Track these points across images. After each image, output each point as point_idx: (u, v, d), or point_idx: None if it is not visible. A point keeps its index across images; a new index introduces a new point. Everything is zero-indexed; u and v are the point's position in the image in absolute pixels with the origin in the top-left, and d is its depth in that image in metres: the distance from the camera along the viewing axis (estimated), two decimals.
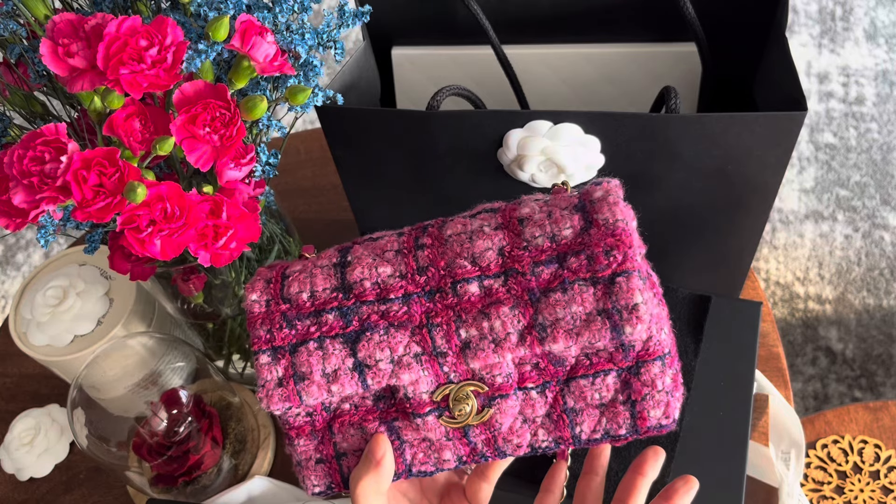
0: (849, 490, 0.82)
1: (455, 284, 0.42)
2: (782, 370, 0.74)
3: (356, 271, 0.44)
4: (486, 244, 0.42)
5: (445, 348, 0.42)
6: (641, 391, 0.43)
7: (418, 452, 0.45)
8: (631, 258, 0.41)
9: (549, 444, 0.44)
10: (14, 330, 0.70)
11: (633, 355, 0.43)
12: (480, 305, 0.42)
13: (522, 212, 0.43)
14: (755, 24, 0.65)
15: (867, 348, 1.47)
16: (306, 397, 0.43)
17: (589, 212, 0.42)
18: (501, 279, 0.42)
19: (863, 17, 1.94)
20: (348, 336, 0.43)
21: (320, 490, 0.47)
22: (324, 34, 0.52)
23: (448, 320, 0.42)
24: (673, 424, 0.44)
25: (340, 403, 0.46)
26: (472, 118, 0.57)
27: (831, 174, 1.69)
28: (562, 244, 0.42)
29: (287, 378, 0.43)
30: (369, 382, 0.43)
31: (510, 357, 0.42)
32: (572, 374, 0.43)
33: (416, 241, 0.44)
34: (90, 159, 0.44)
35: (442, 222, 0.45)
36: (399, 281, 0.43)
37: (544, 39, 0.71)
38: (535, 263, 0.42)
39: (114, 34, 0.44)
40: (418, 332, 0.42)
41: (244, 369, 0.75)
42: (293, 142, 1.03)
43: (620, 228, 0.41)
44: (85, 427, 0.63)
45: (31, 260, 1.81)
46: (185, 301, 0.67)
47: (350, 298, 0.43)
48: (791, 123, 0.52)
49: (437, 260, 0.43)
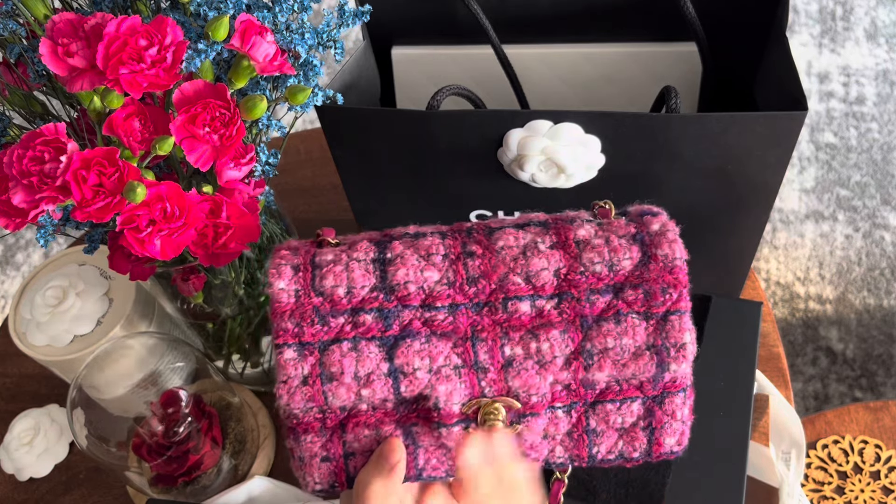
0: (849, 490, 0.82)
1: (506, 301, 0.42)
2: (783, 370, 0.74)
3: (400, 272, 0.42)
4: (542, 263, 0.42)
5: (488, 364, 0.42)
6: (662, 420, 0.43)
7: (432, 458, 0.44)
8: (685, 297, 0.42)
9: (564, 460, 0.44)
10: (14, 330, 0.70)
11: (660, 385, 0.43)
12: (530, 325, 0.42)
13: (579, 234, 0.43)
14: (755, 24, 0.65)
15: (868, 348, 1.47)
16: (333, 399, 0.42)
17: (648, 245, 0.42)
18: (555, 301, 0.42)
19: (863, 17, 1.94)
20: (386, 340, 0.42)
21: (322, 488, 0.46)
22: (324, 34, 0.52)
23: (494, 336, 0.42)
24: (681, 452, 0.44)
25: (358, 403, 0.44)
26: (472, 118, 0.57)
27: (832, 174, 1.69)
28: (619, 274, 0.42)
29: (314, 377, 0.42)
30: (402, 390, 0.42)
31: (551, 379, 0.42)
32: (600, 398, 0.43)
33: (464, 247, 0.43)
34: (90, 159, 0.44)
35: (487, 229, 0.44)
36: (447, 289, 0.42)
37: (544, 39, 0.71)
38: (592, 291, 0.42)
39: (113, 34, 0.44)
40: (461, 344, 0.42)
41: (244, 369, 0.75)
42: (293, 142, 1.03)
43: (678, 267, 0.42)
44: (84, 427, 0.63)
45: (31, 260, 1.81)
46: (184, 301, 0.67)
47: (392, 300, 0.42)
48: (791, 123, 0.52)
49: (490, 273, 0.42)
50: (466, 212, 0.66)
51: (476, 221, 0.46)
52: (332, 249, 0.44)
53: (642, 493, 0.50)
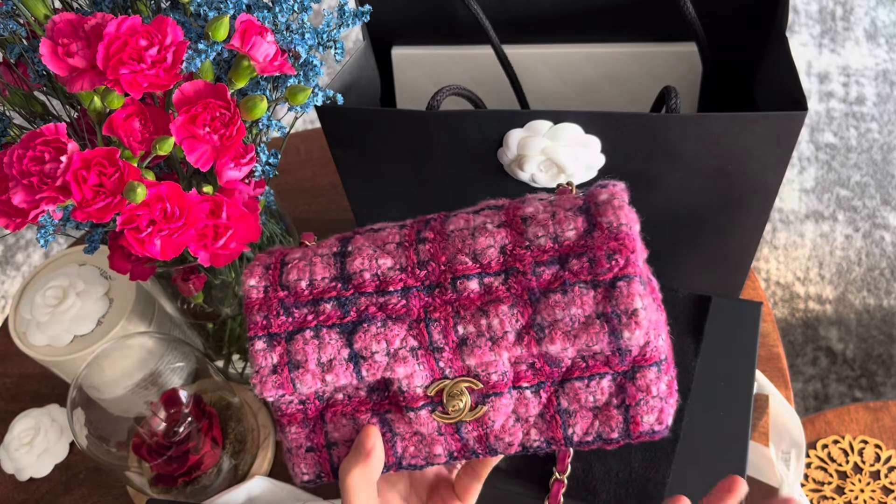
0: (849, 490, 0.82)
1: (455, 280, 0.42)
2: (782, 370, 0.74)
3: (356, 262, 0.44)
4: (489, 241, 0.42)
5: (442, 343, 0.42)
6: (636, 396, 0.42)
7: (409, 446, 0.45)
8: (633, 263, 0.41)
9: (540, 443, 0.44)
10: (14, 330, 0.70)
11: (629, 360, 0.42)
12: (479, 303, 0.42)
13: (526, 210, 0.43)
14: (755, 24, 0.65)
15: (867, 348, 1.47)
16: (300, 385, 0.43)
17: (593, 214, 0.42)
18: (502, 277, 0.42)
19: (863, 17, 1.94)
20: (345, 326, 0.43)
21: (309, 478, 0.47)
22: (324, 34, 0.52)
23: (446, 316, 0.42)
24: (666, 431, 0.43)
25: (334, 393, 0.46)
26: (472, 118, 0.57)
27: (832, 174, 1.69)
28: (564, 245, 0.42)
29: (282, 365, 0.43)
30: (364, 374, 0.43)
31: (507, 356, 0.42)
32: (567, 376, 0.43)
33: (418, 234, 0.44)
34: (90, 159, 0.44)
35: (445, 216, 0.45)
36: (399, 274, 0.43)
37: (544, 39, 0.71)
38: (537, 263, 0.42)
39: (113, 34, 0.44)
40: (416, 326, 0.42)
41: (244, 369, 0.75)
42: (293, 142, 1.03)
43: (624, 233, 0.41)
44: (85, 427, 0.63)
45: (31, 260, 1.81)
46: (185, 301, 0.67)
47: (349, 289, 0.43)
48: (791, 123, 0.52)
49: (438, 255, 0.43)
50: None
51: (438, 213, 0.46)
52: (302, 248, 0.46)
53: (642, 493, 0.50)
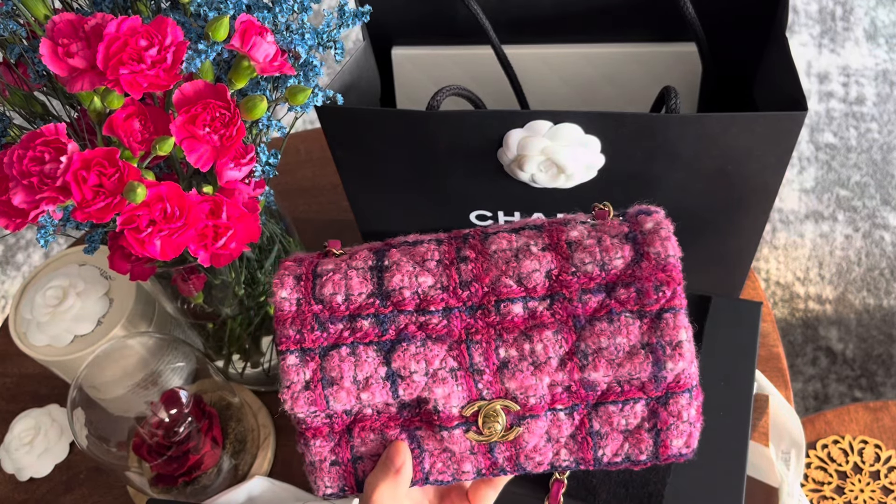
0: (849, 490, 0.82)
1: (499, 303, 0.42)
2: (782, 370, 0.74)
3: (395, 278, 0.43)
4: (534, 265, 0.42)
5: (483, 366, 0.42)
6: (667, 421, 0.43)
7: (437, 462, 0.45)
8: (679, 295, 0.41)
9: (569, 463, 0.44)
10: (14, 330, 0.70)
11: (663, 386, 0.43)
12: (523, 327, 0.42)
13: (571, 235, 0.43)
14: (755, 24, 0.65)
15: (867, 348, 1.47)
16: (334, 403, 0.42)
17: (640, 244, 0.42)
18: (547, 302, 0.42)
19: (863, 17, 1.94)
20: (383, 344, 0.42)
21: (332, 492, 0.46)
22: (324, 34, 0.52)
23: (488, 338, 0.42)
24: (691, 454, 0.44)
25: (363, 408, 0.45)
26: (472, 118, 0.57)
27: (831, 174, 1.69)
28: (611, 274, 0.42)
29: (315, 381, 0.42)
30: (401, 393, 0.42)
31: (547, 381, 0.42)
32: (602, 399, 0.43)
33: (458, 252, 0.43)
34: (90, 159, 0.44)
35: (483, 234, 0.44)
36: (440, 293, 0.42)
37: (544, 39, 0.71)
38: (583, 291, 0.42)
39: (113, 34, 0.44)
40: (456, 347, 0.42)
41: (244, 369, 0.75)
42: (293, 142, 1.03)
43: (671, 264, 0.41)
44: (85, 427, 0.63)
45: (31, 260, 1.81)
46: (185, 301, 0.67)
47: (388, 306, 0.43)
48: (791, 123, 0.52)
49: (482, 276, 0.42)
50: (466, 212, 0.66)
51: (474, 228, 0.46)
52: (334, 259, 0.45)
53: (642, 493, 0.50)
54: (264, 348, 0.74)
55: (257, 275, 0.66)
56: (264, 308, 0.69)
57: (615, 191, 0.60)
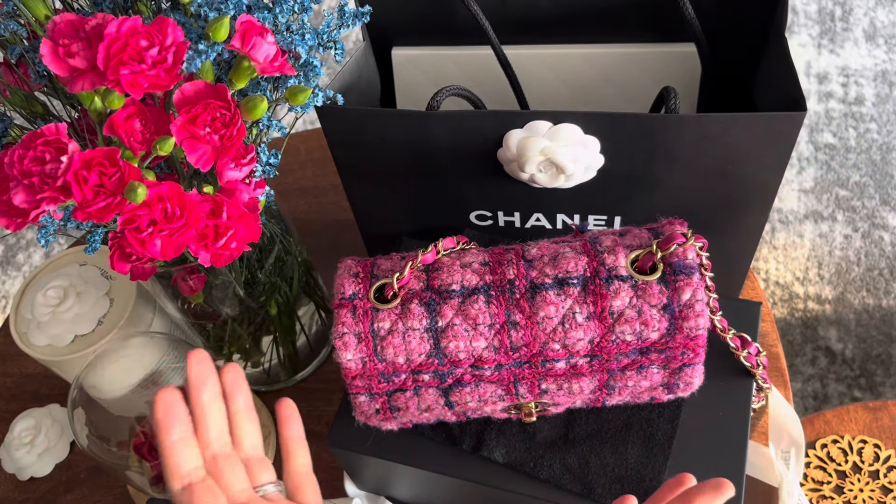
0: (848, 490, 0.82)
1: (545, 362, 0.49)
2: (782, 370, 0.74)
3: (451, 345, 0.49)
4: (579, 335, 0.48)
5: (526, 394, 0.51)
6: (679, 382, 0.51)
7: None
8: (700, 354, 0.48)
9: (582, 405, 0.53)
10: (15, 330, 0.70)
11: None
12: (563, 375, 0.49)
13: (614, 305, 0.47)
14: (754, 25, 0.65)
15: (867, 348, 1.47)
16: (400, 419, 0.53)
17: (676, 317, 0.47)
18: (587, 360, 0.49)
19: (862, 18, 1.94)
20: (442, 388, 0.51)
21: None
22: (324, 34, 0.52)
23: (533, 379, 0.50)
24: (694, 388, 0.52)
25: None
26: (472, 118, 0.57)
27: (831, 174, 1.69)
28: (646, 342, 0.48)
29: (384, 409, 0.52)
30: (455, 410, 0.52)
31: (579, 402, 0.52)
32: (617, 396, 0.52)
33: (508, 316, 0.48)
34: (90, 159, 0.44)
35: (529, 292, 0.48)
36: (493, 354, 0.49)
37: (544, 40, 0.71)
38: (620, 354, 0.48)
39: (114, 34, 0.44)
40: (505, 386, 0.50)
41: (245, 369, 0.75)
42: (293, 142, 1.03)
43: (701, 336, 0.47)
44: (85, 427, 0.63)
45: (32, 260, 1.81)
46: (185, 301, 0.67)
47: (445, 364, 0.49)
48: (790, 124, 0.52)
49: (531, 343, 0.48)
50: (466, 212, 0.66)
51: (515, 249, 0.51)
52: (388, 313, 0.50)
53: (637, 489, 0.50)
54: (264, 348, 0.74)
55: (257, 275, 0.66)
56: (264, 308, 0.69)
57: (615, 191, 0.60)
